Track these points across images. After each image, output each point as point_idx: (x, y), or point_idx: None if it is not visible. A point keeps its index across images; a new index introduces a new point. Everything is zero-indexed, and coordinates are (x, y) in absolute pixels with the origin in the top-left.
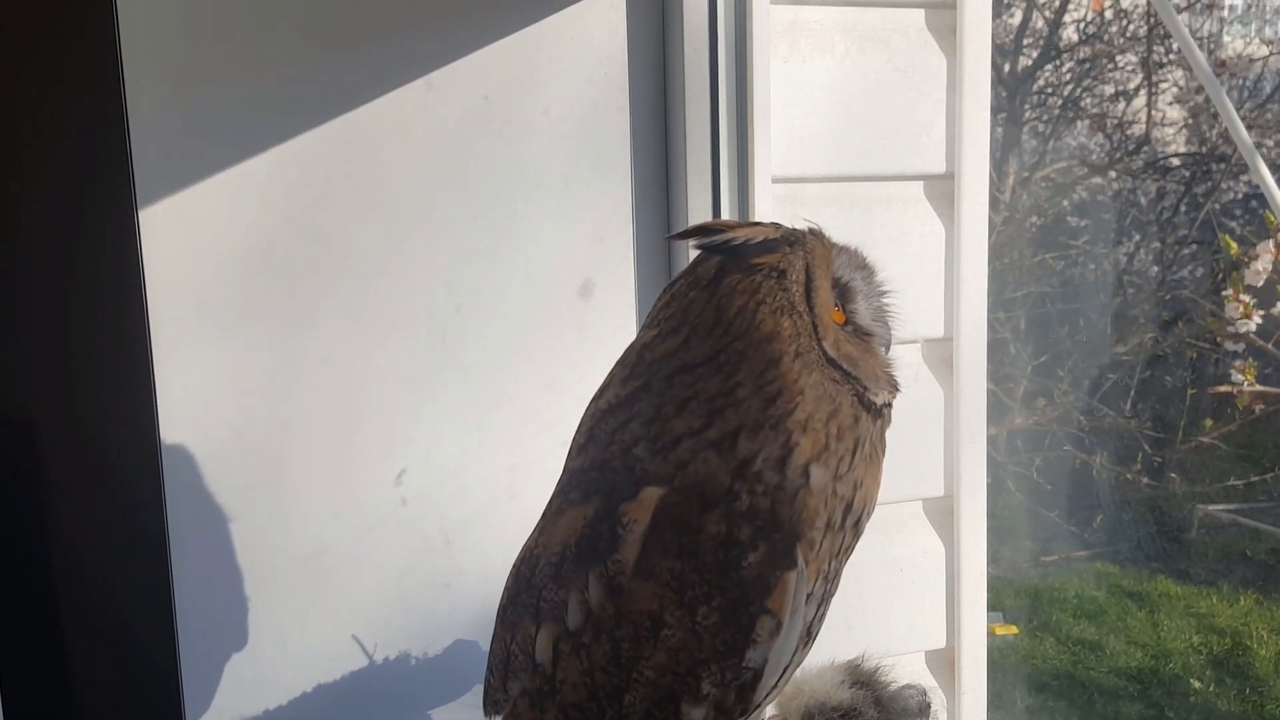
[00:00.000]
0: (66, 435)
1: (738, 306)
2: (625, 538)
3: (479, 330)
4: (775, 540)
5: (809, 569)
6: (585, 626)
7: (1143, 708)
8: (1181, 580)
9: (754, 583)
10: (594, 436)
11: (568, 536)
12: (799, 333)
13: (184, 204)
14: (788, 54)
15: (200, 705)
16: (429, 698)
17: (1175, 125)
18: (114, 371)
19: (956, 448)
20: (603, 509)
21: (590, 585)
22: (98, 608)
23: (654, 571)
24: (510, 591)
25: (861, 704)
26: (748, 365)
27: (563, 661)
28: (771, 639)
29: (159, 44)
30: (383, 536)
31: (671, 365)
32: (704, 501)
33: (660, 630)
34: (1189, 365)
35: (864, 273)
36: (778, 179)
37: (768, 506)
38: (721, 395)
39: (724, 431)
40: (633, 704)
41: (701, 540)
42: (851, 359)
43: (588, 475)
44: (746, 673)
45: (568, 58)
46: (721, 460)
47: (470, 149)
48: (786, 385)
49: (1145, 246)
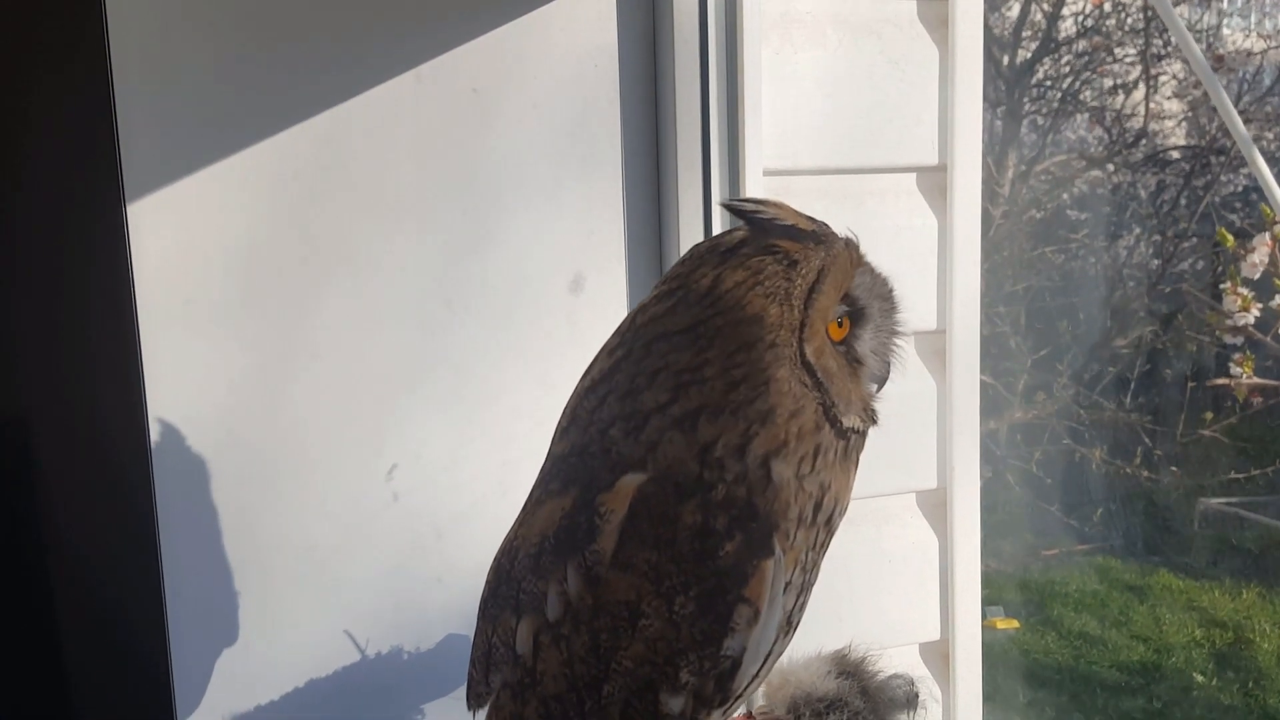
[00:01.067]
0: (56, 434)
1: (735, 281)
2: (603, 528)
3: (469, 325)
4: (751, 530)
5: (786, 558)
6: (564, 618)
7: (1145, 702)
8: (1183, 574)
9: (731, 572)
10: (576, 418)
11: (546, 528)
12: (782, 324)
13: (172, 200)
14: (779, 46)
15: (191, 701)
16: (421, 692)
17: (1174, 118)
18: (103, 369)
19: (949, 440)
20: (580, 499)
21: (569, 576)
22: (89, 604)
23: (631, 562)
24: (491, 584)
25: (848, 694)
26: (720, 343)
27: (543, 653)
28: (749, 627)
29: (147, 40)
30: (374, 532)
31: (655, 330)
32: (680, 491)
33: (638, 620)
34: (1189, 359)
35: (884, 305)
36: (769, 172)
37: (744, 496)
38: (689, 370)
39: (686, 409)
40: (611, 694)
41: (678, 530)
42: (829, 373)
43: (568, 462)
44: (725, 661)
45: (557, 50)
46: (685, 442)
47: (460, 142)
48: (752, 373)
49: (1145, 240)
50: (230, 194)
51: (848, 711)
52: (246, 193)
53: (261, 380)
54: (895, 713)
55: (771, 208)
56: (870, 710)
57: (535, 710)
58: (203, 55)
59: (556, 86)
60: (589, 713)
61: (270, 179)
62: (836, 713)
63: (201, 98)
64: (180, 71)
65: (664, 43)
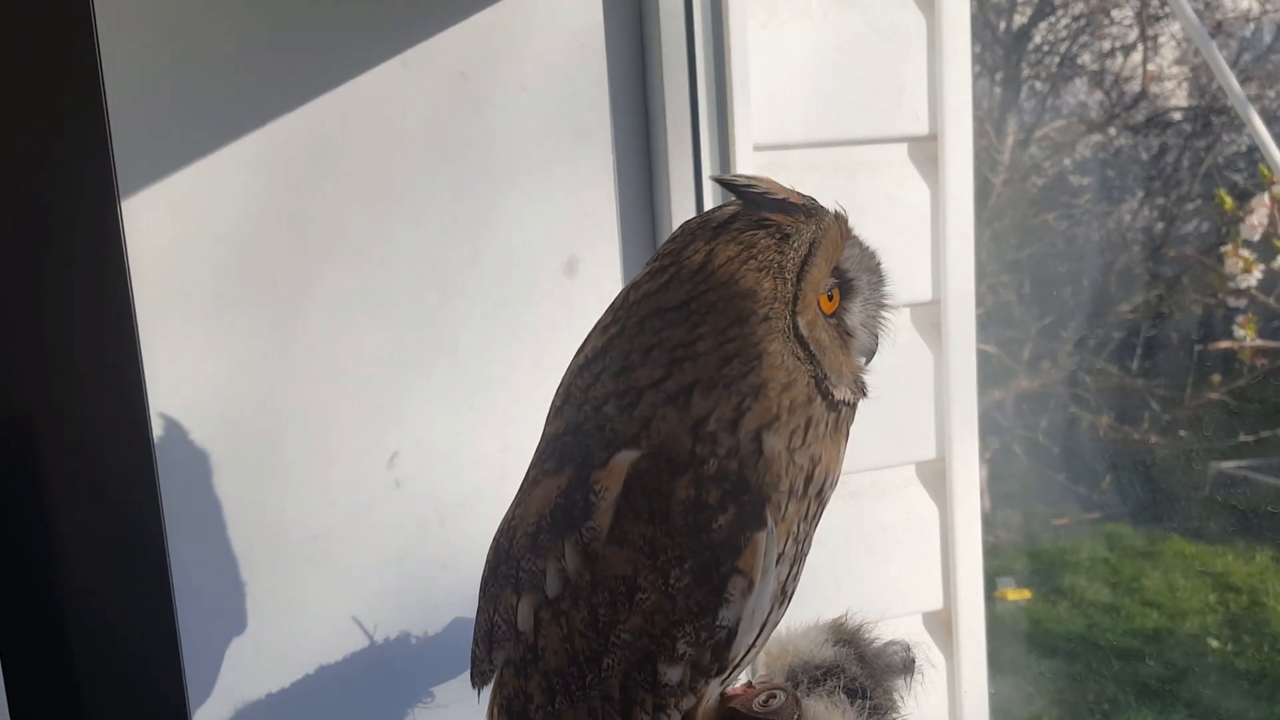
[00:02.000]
0: (56, 430)
1: (728, 256)
2: (598, 505)
3: (465, 310)
4: (744, 502)
5: (778, 530)
6: (564, 594)
7: (1160, 668)
8: (1195, 539)
9: (725, 544)
10: (570, 396)
11: (543, 507)
12: (776, 298)
13: (164, 193)
14: (765, 19)
15: (203, 690)
16: (430, 675)
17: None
18: (102, 364)
19: (947, 411)
20: (575, 478)
21: (566, 553)
22: (97, 598)
23: (627, 537)
24: (491, 564)
25: (845, 661)
26: (714, 318)
27: (543, 629)
28: (744, 598)
29: (136, 31)
30: (378, 519)
31: (648, 307)
32: (672, 467)
33: (635, 594)
34: (1194, 322)
35: (872, 278)
36: (760, 146)
37: (735, 470)
38: (683, 345)
39: (680, 385)
40: (611, 667)
41: (672, 505)
42: (821, 345)
43: (562, 442)
44: (721, 631)
45: (544, 30)
46: (679, 418)
47: (449, 127)
48: (746, 347)
49: (1148, 203)
50: (221, 186)
51: (845, 678)
52: (237, 184)
53: (261, 370)
54: (892, 678)
55: (763, 183)
56: (867, 676)
57: (538, 685)
58: (189, 48)
59: (544, 68)
60: (590, 685)
61: (261, 169)
62: (834, 679)
63: (189, 90)
64: (167, 64)
65: (650, 20)
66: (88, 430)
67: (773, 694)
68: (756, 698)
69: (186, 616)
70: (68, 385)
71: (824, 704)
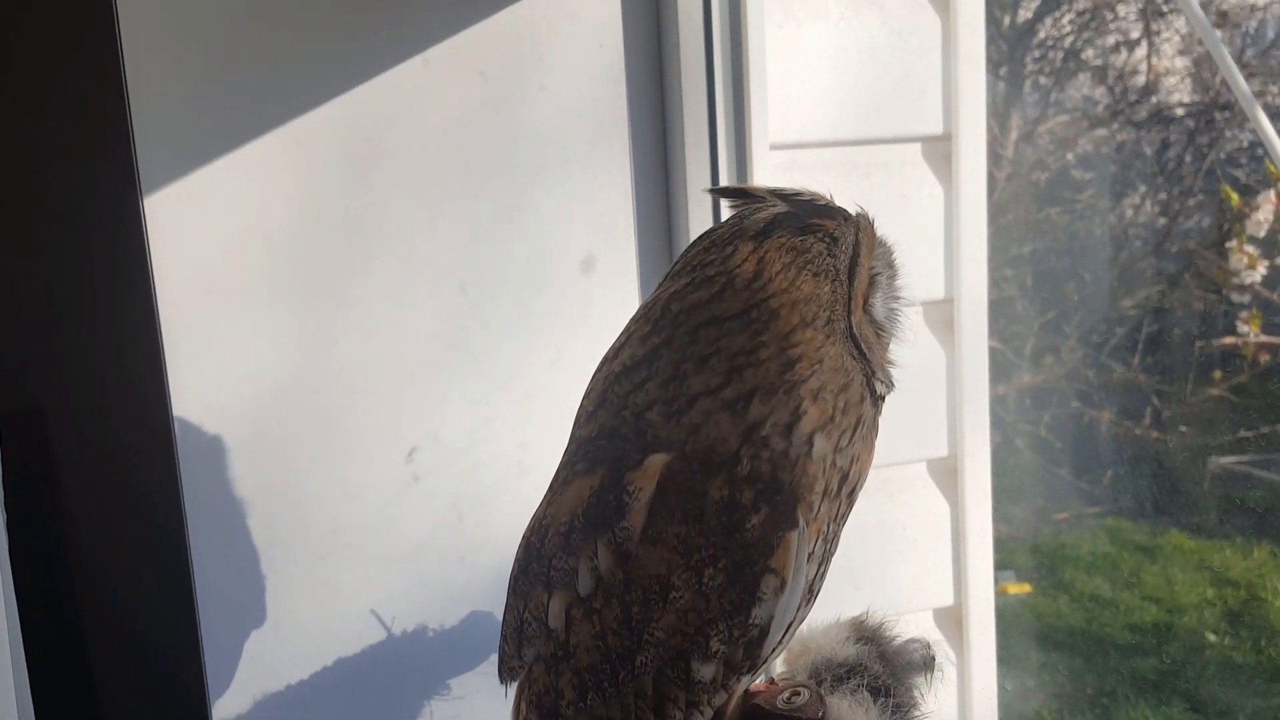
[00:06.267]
0: (79, 425)
1: (783, 263)
2: (631, 505)
3: (484, 308)
4: (776, 503)
5: (809, 530)
6: (596, 592)
7: (1158, 662)
8: (1194, 534)
9: (758, 544)
10: (605, 401)
11: (575, 506)
12: (835, 300)
13: (187, 190)
14: (783, 19)
15: (223, 682)
16: (448, 667)
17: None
18: (125, 360)
19: (959, 408)
20: (608, 478)
21: (599, 552)
22: (119, 591)
23: (661, 537)
24: (520, 562)
25: (866, 659)
26: (776, 325)
27: (575, 627)
28: (776, 596)
29: (159, 29)
30: (397, 514)
31: (699, 317)
32: (707, 467)
33: (669, 593)
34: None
35: (889, 271)
36: (776, 146)
37: (769, 471)
38: (744, 353)
39: (740, 392)
40: (644, 664)
41: (705, 505)
42: (869, 342)
43: (595, 444)
44: (753, 629)
45: (563, 30)
46: (733, 423)
47: (469, 126)
48: (808, 351)
49: (1151, 198)
50: (243, 183)
51: (867, 675)
52: (259, 182)
53: (281, 366)
54: (913, 675)
55: (804, 191)
56: (889, 674)
57: (569, 681)
58: (212, 46)
59: (563, 68)
60: (623, 682)
61: (282, 167)
62: (856, 677)
63: (212, 88)
64: (190, 62)
65: (668, 21)
66: (110, 425)
67: (796, 691)
68: (780, 695)
69: (206, 609)
70: (91, 381)
71: (848, 702)
